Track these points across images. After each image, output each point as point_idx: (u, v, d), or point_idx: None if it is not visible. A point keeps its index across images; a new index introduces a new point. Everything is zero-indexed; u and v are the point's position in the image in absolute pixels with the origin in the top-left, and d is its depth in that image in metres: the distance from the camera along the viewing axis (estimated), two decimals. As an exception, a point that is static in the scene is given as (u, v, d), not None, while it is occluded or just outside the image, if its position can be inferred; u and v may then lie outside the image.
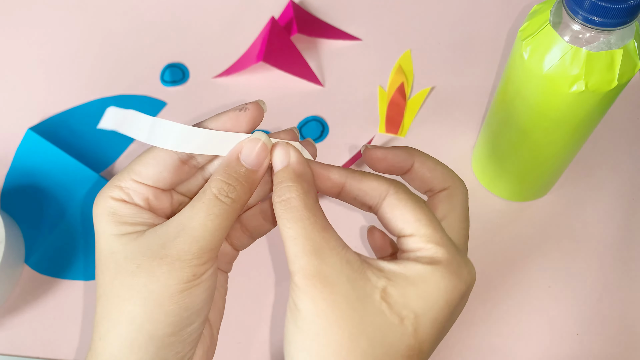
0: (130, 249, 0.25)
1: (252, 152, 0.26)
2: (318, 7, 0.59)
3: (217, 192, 0.25)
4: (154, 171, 0.27)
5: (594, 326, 0.42)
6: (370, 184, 0.27)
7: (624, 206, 0.46)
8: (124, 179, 0.27)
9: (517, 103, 0.37)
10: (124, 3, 0.60)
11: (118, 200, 0.26)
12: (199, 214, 0.25)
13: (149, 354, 0.25)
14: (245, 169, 0.26)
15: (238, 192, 0.26)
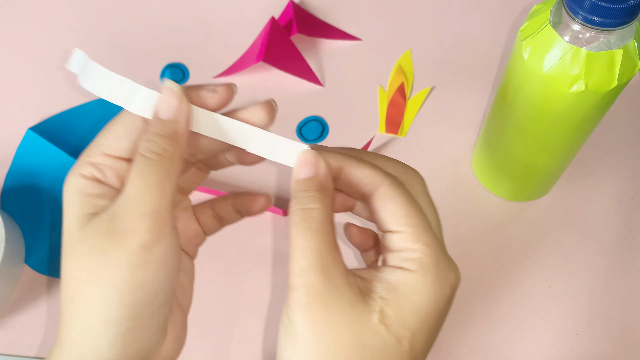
0: (85, 230, 0.24)
1: (164, 104, 0.25)
2: (318, 7, 0.59)
3: (142, 151, 0.25)
4: (127, 143, 0.26)
5: (594, 326, 0.42)
6: (365, 171, 0.26)
7: (624, 206, 0.46)
8: (94, 154, 0.26)
9: (517, 103, 0.37)
10: (124, 3, 0.60)
11: (89, 178, 0.25)
12: (131, 178, 0.24)
13: (108, 339, 0.24)
14: (162, 122, 0.25)
15: (160, 145, 0.25)
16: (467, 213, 0.47)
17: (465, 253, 0.45)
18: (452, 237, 0.45)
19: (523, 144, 0.40)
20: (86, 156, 0.26)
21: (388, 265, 0.25)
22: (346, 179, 0.27)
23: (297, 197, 0.25)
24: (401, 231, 0.25)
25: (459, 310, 0.42)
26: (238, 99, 0.58)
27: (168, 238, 0.24)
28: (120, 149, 0.26)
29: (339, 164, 0.26)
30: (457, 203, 0.47)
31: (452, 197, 0.47)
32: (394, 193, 0.26)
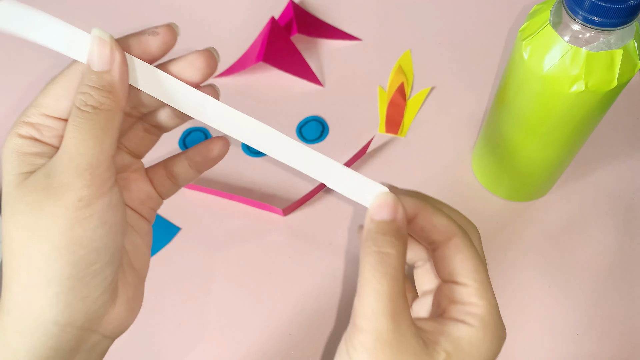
0: (21, 188, 0.24)
1: (95, 54, 0.24)
2: (318, 7, 0.59)
3: (77, 103, 0.24)
4: (67, 103, 0.25)
5: (594, 326, 0.42)
6: (442, 220, 0.26)
7: (624, 206, 0.46)
8: (32, 114, 0.25)
9: (517, 103, 0.37)
10: (124, 3, 0.60)
11: (26, 137, 0.25)
12: (67, 131, 0.24)
13: (49, 299, 0.23)
14: (96, 74, 0.24)
15: (96, 98, 0.24)
16: (467, 213, 0.46)
17: (465, 253, 0.45)
18: (452, 237, 0.46)
19: (523, 144, 0.40)
20: (24, 116, 0.25)
21: (451, 318, 0.25)
22: (420, 225, 0.27)
23: (374, 238, 0.25)
24: (468, 285, 0.26)
25: (459, 310, 0.42)
26: (238, 99, 0.58)
27: (108, 194, 0.24)
28: (60, 110, 0.25)
29: (415, 209, 0.27)
30: (457, 203, 0.47)
31: (452, 197, 0.47)
32: (465, 246, 0.26)
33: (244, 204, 0.47)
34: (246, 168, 0.50)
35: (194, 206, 0.47)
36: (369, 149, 0.50)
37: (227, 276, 0.45)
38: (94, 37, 0.25)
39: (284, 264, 0.45)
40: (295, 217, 0.47)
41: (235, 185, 0.49)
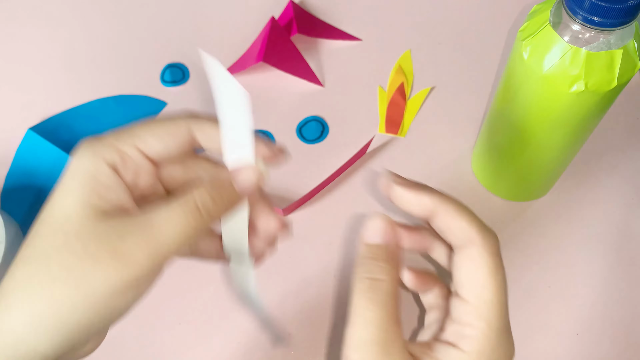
0: (87, 229, 0.23)
1: (248, 181, 0.25)
2: (318, 7, 0.59)
3: (200, 204, 0.24)
4: (164, 147, 0.25)
5: (594, 326, 0.42)
6: (461, 224, 0.24)
7: (624, 206, 0.46)
8: (126, 143, 0.24)
9: (517, 103, 0.37)
10: (125, 3, 0.60)
11: (110, 166, 0.24)
12: (174, 219, 0.23)
13: (51, 341, 0.22)
14: (234, 191, 0.25)
15: (219, 210, 0.24)
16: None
17: (465, 253, 0.45)
18: (452, 237, 0.46)
19: (523, 143, 0.40)
20: (117, 140, 0.24)
21: (443, 342, 0.24)
22: (438, 225, 0.25)
23: (365, 264, 0.24)
24: (469, 302, 0.24)
25: (458, 310, 0.42)
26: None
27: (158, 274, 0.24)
28: (155, 150, 0.25)
29: (434, 206, 0.25)
30: (457, 203, 0.47)
31: (452, 197, 0.47)
32: (479, 257, 0.24)
33: (244, 204, 0.47)
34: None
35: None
36: (369, 149, 0.50)
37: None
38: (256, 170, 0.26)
39: (284, 263, 0.45)
40: (295, 217, 0.47)
41: (235, 185, 0.49)
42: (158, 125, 0.25)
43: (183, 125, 0.25)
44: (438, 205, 0.25)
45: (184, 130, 0.25)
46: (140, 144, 0.24)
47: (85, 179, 0.23)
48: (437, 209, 0.25)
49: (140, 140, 0.24)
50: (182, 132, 0.25)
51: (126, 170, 0.24)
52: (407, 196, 0.25)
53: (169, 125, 0.25)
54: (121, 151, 0.24)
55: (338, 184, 0.48)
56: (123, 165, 0.24)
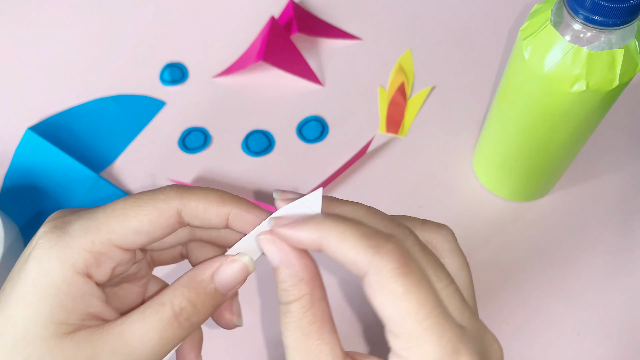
0: (49, 352, 0.19)
1: (228, 275, 0.23)
2: (318, 7, 0.59)
3: (178, 311, 0.21)
4: (146, 237, 0.22)
5: (595, 327, 0.42)
6: (347, 254, 0.21)
7: (625, 206, 0.46)
8: (101, 242, 0.21)
9: (518, 103, 0.37)
10: (124, 3, 0.60)
11: (81, 273, 0.20)
12: (149, 333, 0.21)
13: None
14: (215, 289, 0.22)
15: (200, 316, 0.22)
16: (467, 213, 0.47)
17: (465, 253, 0.44)
18: (453, 237, 0.45)
19: (524, 143, 0.40)
20: (88, 240, 0.21)
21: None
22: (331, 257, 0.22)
23: (277, 288, 0.22)
24: (397, 334, 0.20)
25: (459, 311, 0.42)
26: (238, 99, 0.58)
27: None
28: (135, 244, 0.22)
29: (315, 239, 0.21)
30: (458, 203, 0.47)
31: (452, 197, 0.47)
32: (381, 285, 0.20)
33: (244, 204, 0.47)
34: (246, 168, 0.50)
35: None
36: (369, 149, 0.50)
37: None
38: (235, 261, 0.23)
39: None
40: (295, 217, 0.47)
41: (235, 185, 0.49)
42: (138, 215, 0.21)
43: (168, 211, 0.22)
44: (320, 237, 0.21)
45: (170, 216, 0.22)
46: (118, 240, 0.21)
47: (50, 292, 0.20)
48: (320, 241, 0.21)
49: (118, 236, 0.21)
50: (168, 219, 0.22)
51: (100, 270, 0.21)
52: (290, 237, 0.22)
53: (152, 214, 0.22)
54: (94, 252, 0.21)
55: (338, 184, 0.48)
56: (97, 266, 0.21)
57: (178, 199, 0.22)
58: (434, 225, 0.25)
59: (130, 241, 0.21)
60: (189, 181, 0.49)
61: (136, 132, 0.52)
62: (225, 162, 0.50)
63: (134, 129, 0.52)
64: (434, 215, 0.46)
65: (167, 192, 0.22)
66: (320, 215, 0.22)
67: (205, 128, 0.52)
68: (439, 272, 0.21)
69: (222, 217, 0.23)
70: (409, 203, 0.47)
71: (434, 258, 0.22)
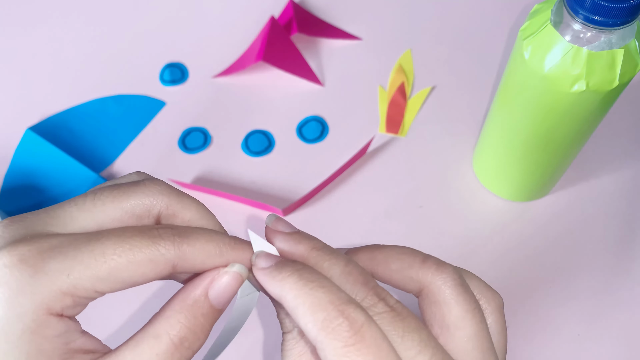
0: None
1: (222, 288, 0.21)
2: (318, 7, 0.59)
3: (178, 342, 0.20)
4: (132, 284, 0.20)
5: (595, 327, 0.42)
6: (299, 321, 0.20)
7: (625, 206, 0.46)
8: (83, 288, 0.18)
9: (518, 103, 0.37)
10: (124, 2, 0.60)
11: (55, 314, 0.18)
12: None
13: None
14: (210, 306, 0.21)
15: (201, 341, 0.21)
16: (467, 213, 0.46)
17: (466, 253, 0.45)
18: (453, 237, 0.46)
19: (524, 143, 0.40)
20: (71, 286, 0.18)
21: None
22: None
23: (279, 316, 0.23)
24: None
25: (459, 311, 0.42)
26: (238, 99, 0.58)
27: None
28: (119, 289, 0.20)
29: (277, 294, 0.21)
30: (458, 203, 0.47)
31: (453, 196, 0.47)
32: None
33: (244, 204, 0.47)
34: (246, 168, 0.50)
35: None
36: (369, 149, 0.50)
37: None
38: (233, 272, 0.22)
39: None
40: (295, 217, 0.47)
41: (235, 185, 0.49)
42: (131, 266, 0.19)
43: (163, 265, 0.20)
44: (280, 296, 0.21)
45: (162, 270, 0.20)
46: (102, 288, 0.19)
47: (24, 339, 0.18)
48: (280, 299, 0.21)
49: (103, 285, 0.19)
50: (160, 273, 0.20)
51: (75, 310, 0.19)
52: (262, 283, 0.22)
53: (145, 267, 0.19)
54: (74, 296, 0.18)
55: (338, 184, 0.48)
56: (72, 307, 0.19)
57: (175, 248, 0.20)
58: (433, 266, 0.23)
59: (115, 288, 0.20)
60: (189, 181, 0.49)
61: (136, 132, 0.52)
62: (225, 162, 0.50)
63: (134, 129, 0.52)
64: (433, 215, 0.46)
65: (164, 240, 0.20)
66: (289, 267, 0.21)
67: (205, 128, 0.52)
68: (406, 339, 0.20)
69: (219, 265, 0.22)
70: (409, 203, 0.47)
71: (405, 323, 0.20)
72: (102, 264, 0.19)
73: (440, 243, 0.45)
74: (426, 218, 0.46)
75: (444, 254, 0.44)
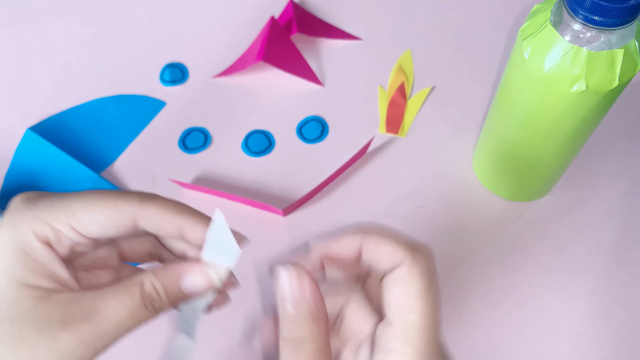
0: (22, 312, 0.21)
1: (193, 284, 0.24)
2: (318, 7, 0.59)
3: (147, 299, 0.23)
4: (101, 229, 0.23)
5: (594, 326, 0.42)
6: (387, 247, 0.23)
7: (625, 206, 0.46)
8: (60, 221, 0.22)
9: (518, 103, 0.37)
10: (124, 3, 0.60)
11: (43, 242, 0.22)
12: (120, 308, 0.22)
13: None
14: (180, 291, 0.24)
15: (163, 306, 0.24)
16: (467, 213, 0.47)
17: (466, 253, 0.45)
18: (453, 237, 0.46)
19: (524, 143, 0.40)
20: (49, 216, 0.22)
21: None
22: (367, 258, 0.24)
23: (287, 324, 0.23)
24: (395, 326, 0.22)
25: (458, 311, 0.42)
26: (238, 99, 0.58)
27: None
28: (91, 232, 0.23)
29: (359, 241, 0.24)
30: (458, 203, 0.47)
31: (452, 197, 0.47)
32: (408, 277, 0.22)
33: (244, 204, 0.47)
34: (246, 168, 0.50)
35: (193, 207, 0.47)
36: (369, 149, 0.50)
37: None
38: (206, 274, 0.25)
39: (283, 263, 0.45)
40: (295, 217, 0.47)
41: (235, 185, 0.49)
42: (98, 207, 0.23)
43: (127, 212, 0.23)
44: (362, 238, 0.24)
45: (127, 217, 0.23)
46: (76, 224, 0.23)
47: (17, 254, 0.22)
48: (362, 242, 0.24)
49: (76, 220, 0.23)
50: (124, 220, 0.23)
51: (60, 246, 0.23)
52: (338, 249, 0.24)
53: (111, 210, 0.23)
54: (54, 228, 0.22)
55: (338, 184, 0.48)
56: (57, 241, 0.23)
57: (137, 202, 0.24)
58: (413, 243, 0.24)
59: (87, 229, 0.23)
60: (189, 181, 0.49)
61: (136, 132, 0.52)
62: (226, 162, 0.50)
63: (134, 129, 0.52)
64: (433, 215, 0.46)
65: (130, 195, 0.24)
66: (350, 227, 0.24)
67: (206, 128, 0.52)
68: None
69: (176, 227, 0.25)
70: (408, 203, 0.47)
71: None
72: (76, 202, 0.23)
73: (440, 243, 0.45)
74: (426, 218, 0.46)
75: (444, 254, 0.44)
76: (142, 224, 0.24)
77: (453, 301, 0.43)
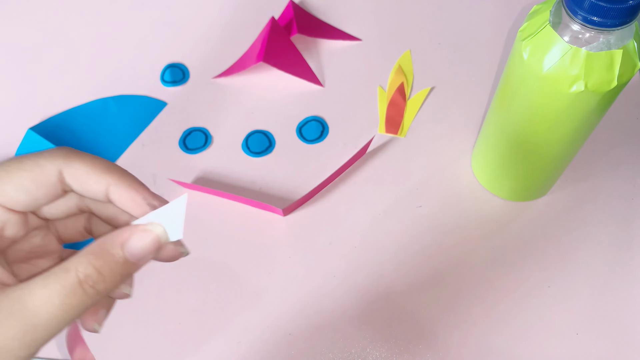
0: None
1: (139, 246, 0.22)
2: (318, 7, 0.59)
3: (83, 278, 0.21)
4: (28, 195, 0.22)
5: (593, 326, 0.42)
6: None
7: (624, 206, 0.47)
8: None
9: (517, 103, 0.37)
10: (124, 3, 0.60)
11: None
12: (50, 299, 0.20)
13: None
14: (125, 258, 0.22)
15: (107, 285, 0.21)
16: (467, 213, 0.47)
17: (465, 253, 0.45)
18: (452, 237, 0.46)
19: (523, 143, 0.40)
20: None
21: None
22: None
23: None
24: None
25: (458, 310, 0.42)
26: (238, 99, 0.58)
27: None
28: (19, 202, 0.22)
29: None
30: (457, 203, 0.47)
31: (452, 197, 0.47)
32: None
33: (244, 204, 0.47)
34: (246, 168, 0.50)
35: (193, 206, 0.47)
36: (369, 149, 0.50)
37: (227, 276, 0.45)
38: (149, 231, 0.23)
39: (284, 263, 0.45)
40: (295, 217, 0.47)
41: (235, 185, 0.49)
42: (20, 171, 0.22)
43: (50, 169, 0.22)
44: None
45: (52, 175, 0.22)
46: (1, 200, 0.21)
47: None
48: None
49: (6, 186, 0.21)
50: (50, 177, 0.22)
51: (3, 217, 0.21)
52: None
53: (34, 171, 0.22)
54: None
55: (338, 184, 0.48)
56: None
57: (62, 158, 0.22)
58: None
59: (13, 199, 0.21)
60: (190, 181, 0.49)
61: (137, 133, 0.52)
62: (226, 162, 0.50)
63: (135, 129, 0.52)
64: (433, 215, 0.47)
65: (53, 152, 0.23)
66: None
67: (206, 128, 0.52)
68: None
69: (102, 186, 0.23)
70: (408, 203, 0.47)
71: None
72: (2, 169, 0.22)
73: (439, 243, 0.45)
74: (425, 218, 0.46)
75: (443, 254, 0.45)
76: (68, 180, 0.23)
77: (452, 300, 0.43)
